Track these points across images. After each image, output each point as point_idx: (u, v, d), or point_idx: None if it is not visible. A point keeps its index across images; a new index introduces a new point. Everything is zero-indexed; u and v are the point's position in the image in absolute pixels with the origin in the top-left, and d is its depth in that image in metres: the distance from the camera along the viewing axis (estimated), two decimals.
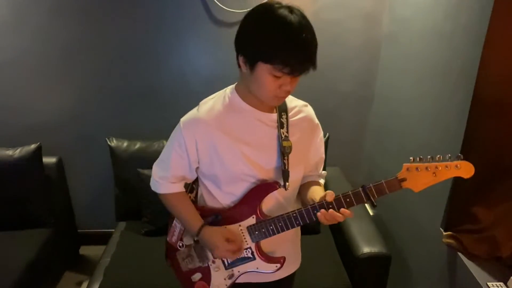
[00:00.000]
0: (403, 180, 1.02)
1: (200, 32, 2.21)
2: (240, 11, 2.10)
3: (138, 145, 2.24)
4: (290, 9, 1.00)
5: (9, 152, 2.16)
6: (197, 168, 1.21)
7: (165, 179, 1.21)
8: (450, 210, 1.46)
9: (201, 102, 1.19)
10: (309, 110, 1.26)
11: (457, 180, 1.39)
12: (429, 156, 1.00)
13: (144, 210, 2.14)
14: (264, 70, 0.99)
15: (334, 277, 1.83)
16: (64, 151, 2.42)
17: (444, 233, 1.48)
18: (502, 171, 1.29)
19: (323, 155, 1.32)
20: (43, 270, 2.14)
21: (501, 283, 1.29)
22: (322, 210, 1.05)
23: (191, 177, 1.24)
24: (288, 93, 1.06)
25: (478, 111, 1.29)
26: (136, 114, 2.43)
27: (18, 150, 2.17)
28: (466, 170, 0.98)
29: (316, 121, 1.26)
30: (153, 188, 1.25)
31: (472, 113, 1.31)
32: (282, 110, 1.17)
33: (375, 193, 1.05)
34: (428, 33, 1.75)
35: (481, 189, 1.33)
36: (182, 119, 1.16)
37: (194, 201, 1.29)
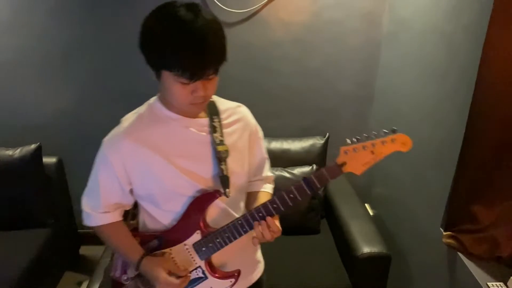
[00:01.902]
0: (343, 164, 0.97)
1: None
2: (240, 11, 2.10)
3: None
4: (189, 7, 0.91)
5: (9, 152, 2.16)
6: (132, 190, 1.10)
7: (96, 209, 1.11)
8: (450, 210, 1.46)
9: (123, 118, 1.10)
10: (244, 111, 1.17)
11: (457, 180, 1.39)
12: (365, 135, 0.95)
13: None
14: (168, 77, 0.93)
15: (334, 277, 1.83)
16: (64, 151, 2.41)
17: (444, 233, 1.48)
18: (502, 171, 1.29)
19: (265, 155, 1.24)
20: (43, 270, 2.14)
21: (501, 283, 1.29)
22: (256, 222, 1.00)
23: (127, 202, 1.13)
24: (205, 97, 0.97)
25: (478, 111, 1.29)
26: None
27: (18, 150, 2.17)
28: (402, 143, 0.94)
29: (253, 121, 1.19)
30: (84, 222, 1.14)
31: (472, 113, 1.31)
32: (213, 113, 1.09)
33: (317, 183, 0.98)
34: (428, 33, 1.75)
35: (481, 189, 1.33)
36: (104, 139, 1.08)
37: (137, 228, 1.20)
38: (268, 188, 1.25)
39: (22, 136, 2.36)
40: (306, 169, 2.12)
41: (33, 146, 2.19)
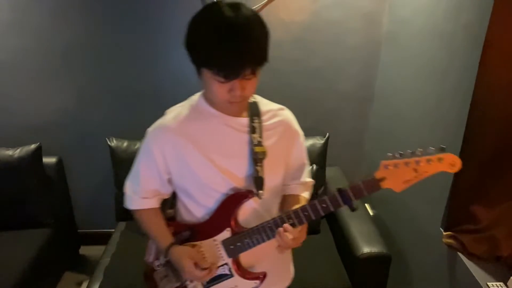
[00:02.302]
0: (382, 179, 0.92)
1: None
2: None
3: (138, 145, 2.24)
4: (236, 7, 0.91)
5: (9, 152, 2.16)
6: (170, 180, 1.14)
7: (137, 193, 1.15)
8: (450, 210, 1.46)
9: (168, 110, 1.14)
10: (286, 114, 1.17)
11: (457, 180, 1.39)
12: (409, 151, 0.89)
13: None
14: (207, 75, 0.94)
15: (334, 277, 1.83)
16: (64, 151, 2.42)
17: (444, 233, 1.48)
18: (502, 171, 1.29)
19: (305, 161, 1.23)
20: (43, 270, 2.14)
21: (501, 283, 1.29)
22: (286, 225, 0.99)
23: (165, 191, 1.17)
24: (242, 97, 0.97)
25: (477, 111, 1.29)
26: (136, 114, 2.43)
27: (18, 150, 2.17)
28: (451, 163, 0.86)
29: (296, 126, 1.18)
30: (125, 204, 1.19)
31: (472, 113, 1.31)
32: (254, 114, 1.09)
33: (352, 196, 0.96)
34: (428, 33, 1.75)
35: (481, 188, 1.33)
36: (148, 129, 1.12)
37: (173, 218, 1.23)
38: (306, 195, 1.22)
39: (22, 136, 2.36)
40: None
41: (33, 146, 2.18)
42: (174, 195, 1.21)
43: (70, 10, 2.19)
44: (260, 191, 1.06)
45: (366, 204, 2.41)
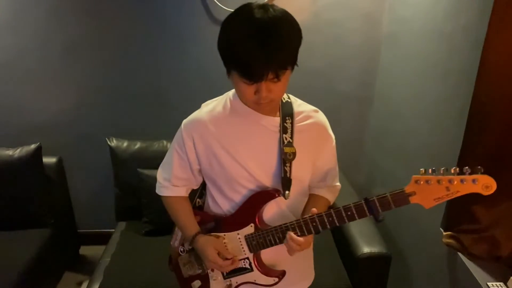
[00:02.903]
0: (412, 194, 0.91)
1: (200, 32, 2.20)
2: None
3: (138, 145, 2.24)
4: (265, 8, 0.92)
5: (9, 152, 2.16)
6: (200, 170, 1.18)
7: (168, 181, 1.19)
8: (450, 210, 1.46)
9: (203, 104, 1.17)
10: (320, 117, 1.17)
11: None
12: (443, 168, 0.88)
13: (144, 210, 2.14)
14: (235, 76, 0.95)
15: (334, 277, 1.83)
16: (64, 151, 2.41)
17: (444, 233, 1.48)
18: (502, 171, 1.29)
19: (335, 166, 1.22)
20: (43, 270, 2.14)
21: (501, 283, 1.29)
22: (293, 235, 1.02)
23: (194, 181, 1.21)
24: (268, 99, 0.98)
25: (478, 111, 1.29)
26: (136, 114, 2.43)
27: (18, 150, 2.17)
28: (486, 185, 0.85)
29: (329, 130, 1.18)
30: (156, 191, 1.24)
31: (472, 113, 1.31)
32: (287, 114, 1.10)
33: (379, 207, 0.95)
34: (428, 33, 1.75)
35: None
36: (184, 121, 1.15)
37: (202, 207, 1.27)
38: (331, 198, 1.23)
39: (22, 136, 2.36)
40: None
41: (33, 146, 2.18)
42: (204, 185, 1.25)
43: (70, 10, 2.19)
44: (287, 192, 1.08)
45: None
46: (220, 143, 1.09)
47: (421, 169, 0.89)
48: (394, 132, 2.14)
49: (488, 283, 1.30)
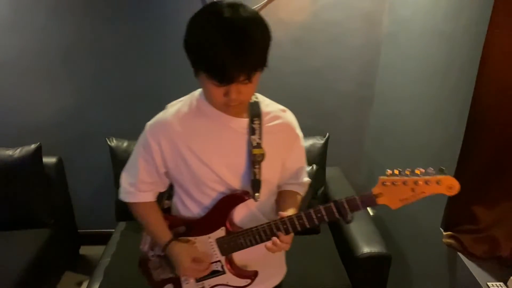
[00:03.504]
0: (379, 195, 0.94)
1: None
2: None
3: None
4: (235, 8, 0.88)
5: (9, 152, 2.16)
6: (167, 173, 1.14)
7: (134, 186, 1.14)
8: (450, 210, 1.46)
9: (168, 105, 1.13)
10: (288, 116, 1.15)
11: (457, 180, 1.39)
12: (408, 169, 0.91)
13: None
14: (203, 77, 0.92)
15: (334, 277, 1.83)
16: (64, 151, 2.41)
17: (444, 233, 1.48)
18: (502, 171, 1.29)
19: (304, 164, 1.23)
20: (43, 270, 2.14)
21: (501, 283, 1.29)
22: (280, 233, 1.02)
23: (161, 185, 1.17)
24: (238, 101, 0.95)
25: (478, 111, 1.29)
26: (136, 114, 2.41)
27: (18, 150, 2.16)
28: (449, 186, 0.88)
29: (297, 130, 1.17)
30: (120, 197, 1.17)
31: (472, 113, 1.31)
32: (255, 115, 1.07)
33: (347, 208, 0.97)
34: (428, 33, 1.75)
35: (481, 189, 1.33)
36: (148, 123, 1.11)
37: (170, 209, 1.24)
38: (302, 193, 1.24)
39: (22, 136, 2.36)
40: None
41: (33, 146, 2.18)
42: (171, 186, 1.21)
43: (70, 10, 2.19)
44: (257, 194, 1.07)
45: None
46: (188, 146, 1.05)
47: (388, 171, 0.92)
48: (394, 132, 2.14)
49: (488, 283, 1.30)
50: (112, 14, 2.21)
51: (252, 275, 1.16)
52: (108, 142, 2.23)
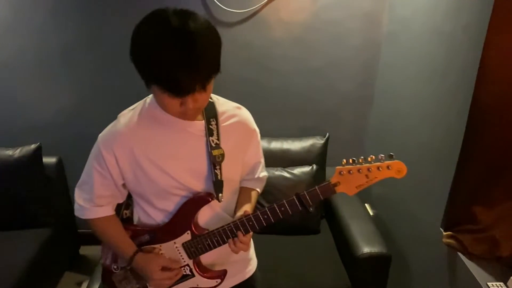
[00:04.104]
0: (337, 184, 1.00)
1: None
2: (240, 11, 2.10)
3: None
4: (184, 16, 0.83)
5: (9, 152, 2.16)
6: (124, 184, 1.11)
7: (90, 202, 1.10)
8: (450, 210, 1.46)
9: (120, 114, 1.10)
10: (243, 113, 1.14)
11: (457, 180, 1.39)
12: (361, 157, 0.99)
13: None
14: (156, 89, 0.88)
15: (334, 277, 1.83)
16: (64, 151, 2.41)
17: (444, 233, 1.48)
18: (502, 171, 1.29)
19: (261, 159, 1.24)
20: (43, 270, 2.14)
21: (501, 283, 1.29)
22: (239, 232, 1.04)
23: (119, 196, 1.14)
24: (195, 109, 0.93)
25: (478, 111, 1.29)
26: None
27: (18, 150, 2.17)
28: (397, 170, 0.96)
29: (253, 125, 1.15)
30: (76, 214, 1.13)
31: (472, 113, 1.31)
32: (211, 116, 1.06)
33: (309, 199, 1.02)
34: (428, 33, 1.75)
35: (481, 189, 1.33)
36: (100, 135, 1.08)
37: (130, 218, 1.20)
38: (259, 189, 1.26)
39: (22, 136, 2.36)
40: (306, 169, 2.12)
41: (33, 146, 2.19)
42: (129, 195, 1.18)
43: (70, 10, 2.19)
44: (220, 194, 1.07)
45: (366, 204, 2.41)
46: (145, 156, 1.02)
47: (343, 160, 0.99)
48: (394, 132, 2.14)
49: (488, 283, 1.30)
50: (112, 14, 2.21)
51: (222, 275, 1.17)
52: None
